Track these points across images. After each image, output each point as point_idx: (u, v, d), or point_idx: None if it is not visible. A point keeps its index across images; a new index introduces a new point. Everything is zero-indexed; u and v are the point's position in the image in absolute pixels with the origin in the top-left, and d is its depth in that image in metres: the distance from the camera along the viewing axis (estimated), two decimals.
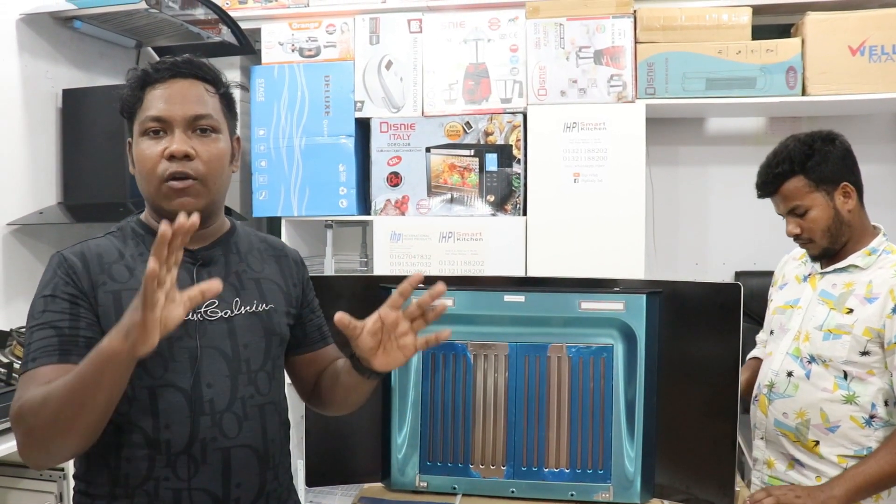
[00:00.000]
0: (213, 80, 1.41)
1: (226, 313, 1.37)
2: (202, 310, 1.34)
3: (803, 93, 2.86)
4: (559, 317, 1.57)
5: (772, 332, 1.96)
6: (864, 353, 1.75)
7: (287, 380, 1.58)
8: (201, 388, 1.31)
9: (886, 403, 1.78)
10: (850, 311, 1.78)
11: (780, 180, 1.85)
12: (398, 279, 1.66)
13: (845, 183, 1.84)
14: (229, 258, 1.43)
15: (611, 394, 1.56)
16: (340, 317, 1.28)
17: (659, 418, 1.57)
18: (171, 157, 1.31)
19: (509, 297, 1.58)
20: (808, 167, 1.82)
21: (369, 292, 1.62)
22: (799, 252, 2.04)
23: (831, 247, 1.84)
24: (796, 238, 1.87)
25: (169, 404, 1.29)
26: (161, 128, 1.32)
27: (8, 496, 2.31)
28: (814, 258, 1.90)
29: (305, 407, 1.64)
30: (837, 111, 3.11)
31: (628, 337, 1.55)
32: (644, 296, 1.55)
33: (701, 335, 1.55)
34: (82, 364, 1.14)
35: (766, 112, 3.28)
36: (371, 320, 1.30)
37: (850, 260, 1.84)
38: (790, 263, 2.06)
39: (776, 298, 2.00)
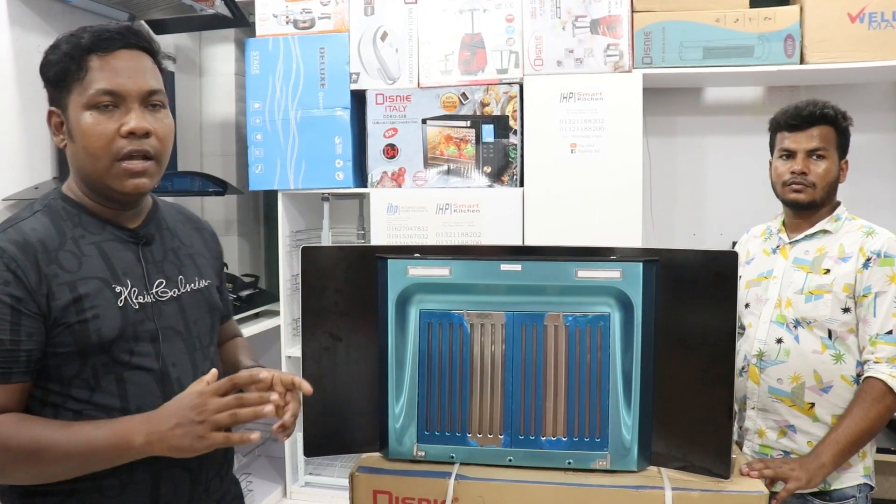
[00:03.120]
0: (156, 53, 1.34)
1: (174, 292, 1.37)
2: (153, 290, 1.33)
3: (801, 61, 2.84)
4: (556, 285, 1.57)
5: (747, 306, 1.99)
6: (846, 311, 1.84)
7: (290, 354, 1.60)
8: (168, 368, 1.31)
9: None
10: (827, 271, 1.87)
11: (823, 120, 1.91)
12: (395, 249, 1.66)
13: (846, 159, 1.96)
14: (163, 234, 1.42)
15: (607, 362, 1.56)
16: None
17: (655, 386, 1.57)
18: (131, 135, 1.25)
19: (506, 267, 1.58)
20: (842, 127, 1.93)
21: (365, 263, 1.62)
22: (759, 230, 2.12)
23: (819, 201, 1.92)
24: (799, 176, 1.91)
25: (139, 387, 1.27)
26: (113, 102, 1.25)
27: None
28: (798, 205, 1.94)
29: (303, 378, 1.64)
30: (836, 79, 3.09)
31: (625, 305, 1.55)
32: (641, 264, 1.54)
33: (697, 303, 1.54)
34: (97, 440, 1.14)
35: (763, 81, 3.26)
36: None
37: (820, 226, 1.93)
38: (752, 241, 2.12)
39: (745, 274, 2.04)
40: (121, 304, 1.26)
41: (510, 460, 1.59)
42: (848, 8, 2.79)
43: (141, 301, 1.29)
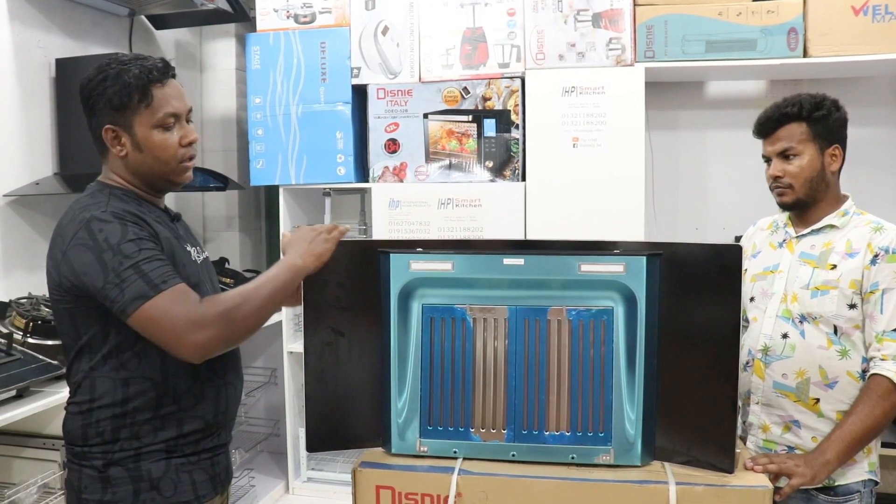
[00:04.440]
0: None
1: (201, 257, 1.74)
2: (197, 253, 1.71)
3: (804, 54, 2.83)
4: (559, 279, 1.56)
5: (752, 300, 1.97)
6: (852, 307, 1.81)
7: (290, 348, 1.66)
8: None
9: None
10: (834, 266, 1.85)
11: (784, 121, 1.89)
12: (397, 244, 1.65)
13: (837, 145, 1.91)
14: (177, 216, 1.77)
15: (611, 356, 1.56)
16: None
17: (659, 380, 1.56)
18: (190, 144, 1.63)
19: (508, 261, 1.57)
20: (813, 117, 1.88)
21: (367, 257, 1.61)
22: (765, 222, 2.10)
23: (805, 198, 1.89)
24: (775, 180, 1.91)
25: None
26: (174, 122, 1.61)
27: (12, 464, 2.32)
28: (785, 207, 1.94)
29: (305, 374, 1.64)
30: (839, 73, 3.08)
31: (628, 299, 1.54)
32: (644, 258, 1.53)
33: (701, 297, 1.53)
34: (278, 278, 1.55)
35: (766, 75, 3.25)
36: None
37: (827, 220, 1.90)
38: (758, 234, 2.10)
39: (751, 267, 2.02)
40: (193, 258, 1.66)
41: (513, 455, 1.58)
42: (851, 1, 2.77)
43: (196, 259, 1.68)
